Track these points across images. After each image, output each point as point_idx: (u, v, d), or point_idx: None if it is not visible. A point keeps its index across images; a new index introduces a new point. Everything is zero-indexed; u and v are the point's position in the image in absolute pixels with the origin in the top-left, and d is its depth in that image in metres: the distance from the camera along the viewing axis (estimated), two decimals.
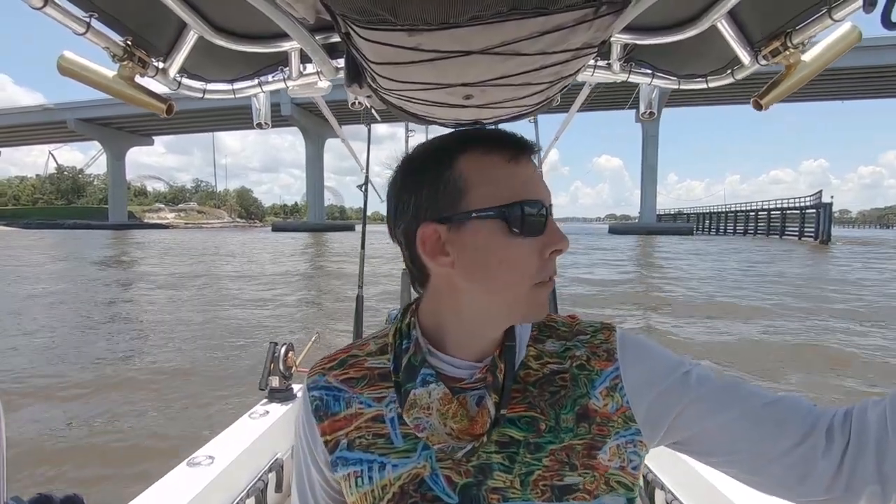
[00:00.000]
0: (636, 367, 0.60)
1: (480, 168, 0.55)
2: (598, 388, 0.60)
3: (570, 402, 0.59)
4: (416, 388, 0.58)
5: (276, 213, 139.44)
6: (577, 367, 0.61)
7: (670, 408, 0.58)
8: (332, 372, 0.64)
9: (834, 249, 28.51)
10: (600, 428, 0.58)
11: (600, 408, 0.59)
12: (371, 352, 0.65)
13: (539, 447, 0.57)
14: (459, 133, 0.60)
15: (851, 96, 51.30)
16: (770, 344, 7.01)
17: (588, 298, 10.62)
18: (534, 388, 0.60)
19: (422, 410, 0.57)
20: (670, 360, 0.61)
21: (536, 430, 0.58)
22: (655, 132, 51.87)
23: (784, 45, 0.89)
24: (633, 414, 0.58)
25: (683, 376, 0.59)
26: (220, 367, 5.84)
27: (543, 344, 0.63)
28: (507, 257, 0.55)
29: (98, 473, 3.49)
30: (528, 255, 0.55)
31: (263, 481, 1.64)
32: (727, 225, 58.22)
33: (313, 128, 56.02)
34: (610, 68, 1.19)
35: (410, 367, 0.59)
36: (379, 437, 0.59)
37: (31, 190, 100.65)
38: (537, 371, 0.61)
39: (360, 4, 0.51)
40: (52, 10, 0.74)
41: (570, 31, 0.58)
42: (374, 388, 0.62)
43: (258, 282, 13.56)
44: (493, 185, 0.55)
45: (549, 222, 0.56)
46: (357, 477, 0.59)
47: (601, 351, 0.62)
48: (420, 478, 0.57)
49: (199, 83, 1.13)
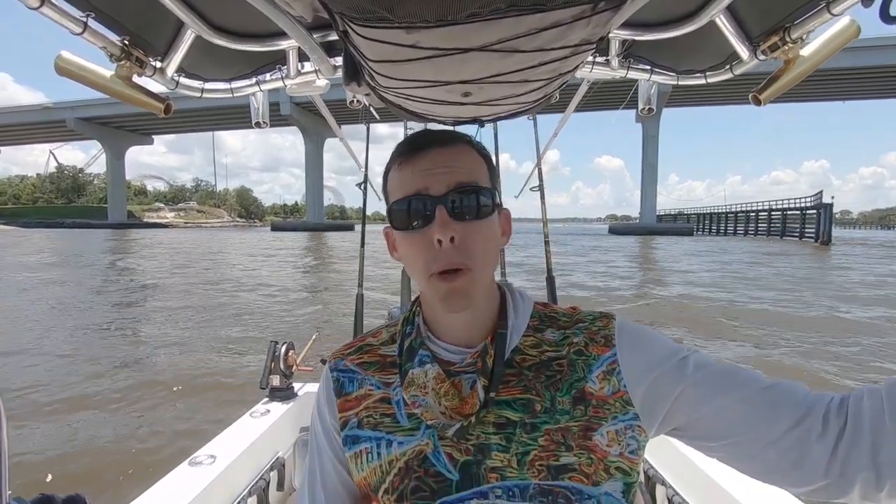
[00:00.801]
0: (634, 352, 0.62)
1: (391, 178, 0.65)
2: (595, 371, 0.61)
3: (567, 386, 0.61)
4: (414, 368, 0.64)
5: (276, 212, 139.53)
6: (574, 353, 0.63)
7: (668, 392, 0.59)
8: (350, 357, 0.71)
9: (834, 250, 28.38)
10: (596, 410, 0.59)
11: (596, 391, 0.60)
12: (384, 340, 0.72)
13: (534, 427, 0.59)
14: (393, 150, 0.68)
15: (852, 96, 50.99)
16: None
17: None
18: (529, 372, 0.62)
19: (419, 389, 0.62)
20: (668, 347, 0.62)
21: (532, 411, 0.60)
22: (656, 132, 51.66)
23: (783, 39, 0.89)
24: (631, 398, 0.60)
25: (681, 362, 0.60)
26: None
27: (543, 333, 0.65)
28: (403, 251, 0.64)
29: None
30: (414, 248, 0.61)
31: (265, 480, 1.64)
32: (727, 225, 57.95)
33: (312, 127, 55.96)
34: (608, 65, 1.18)
35: (411, 350, 0.66)
36: (386, 417, 0.64)
37: (32, 189, 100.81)
38: (534, 357, 0.63)
39: (358, 2, 0.51)
40: (49, 10, 0.74)
41: (568, 28, 0.58)
42: (384, 372, 0.68)
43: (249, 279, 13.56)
44: (393, 190, 0.64)
45: (436, 211, 0.59)
46: (367, 453, 0.64)
47: (599, 337, 0.64)
48: (423, 454, 0.60)
49: (197, 82, 1.13)
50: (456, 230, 0.59)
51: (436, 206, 0.59)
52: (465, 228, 0.60)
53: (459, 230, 0.59)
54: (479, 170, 0.64)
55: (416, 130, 0.69)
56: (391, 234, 0.66)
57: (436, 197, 0.60)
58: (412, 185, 0.61)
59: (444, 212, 0.59)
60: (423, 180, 0.61)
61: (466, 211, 0.60)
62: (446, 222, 0.58)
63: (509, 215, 0.69)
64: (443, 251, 0.59)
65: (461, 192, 0.60)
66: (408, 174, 0.62)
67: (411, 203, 0.61)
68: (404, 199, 0.62)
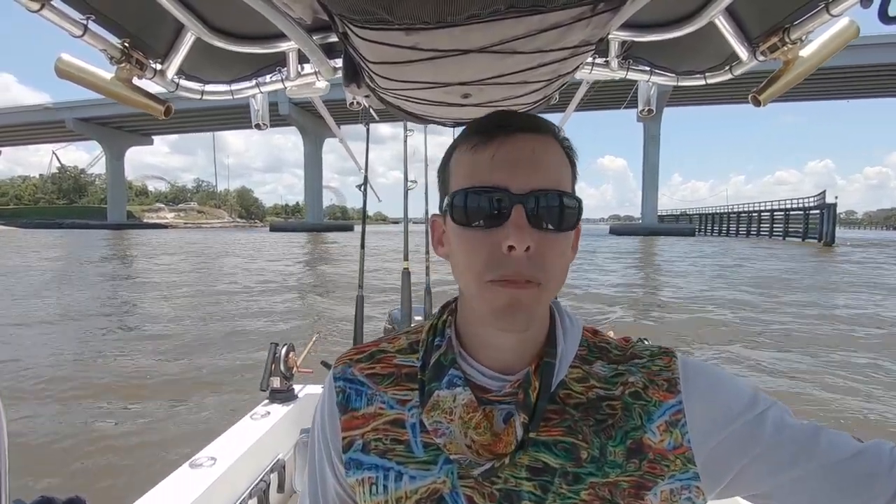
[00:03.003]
0: (703, 402, 0.53)
1: (458, 160, 0.55)
2: (656, 421, 0.52)
3: (621, 435, 0.52)
4: (441, 389, 0.54)
5: (276, 213, 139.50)
6: (630, 395, 0.54)
7: (739, 455, 0.51)
8: (359, 364, 0.61)
9: (838, 251, 28.21)
10: (653, 466, 0.51)
11: (655, 443, 0.52)
12: (402, 348, 0.61)
13: (578, 478, 0.50)
14: (465, 127, 0.58)
15: (856, 95, 50.83)
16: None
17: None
18: (575, 412, 0.53)
19: (443, 414, 0.53)
20: (743, 396, 0.53)
21: (576, 458, 0.51)
22: (657, 132, 51.51)
23: (782, 40, 0.89)
24: (694, 456, 0.51)
25: (757, 419, 0.52)
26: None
27: (591, 365, 0.56)
28: (458, 248, 0.53)
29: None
30: (476, 247, 0.51)
31: (265, 482, 1.64)
32: (729, 226, 57.75)
33: (312, 127, 55.95)
34: (608, 66, 1.18)
35: (439, 366, 0.56)
36: (398, 444, 0.55)
37: (33, 189, 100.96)
38: (581, 394, 0.54)
39: (358, 4, 0.51)
40: (49, 13, 0.74)
41: (568, 29, 0.58)
42: (400, 388, 0.58)
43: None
44: (459, 176, 0.54)
45: (513, 212, 0.49)
46: (371, 484, 0.55)
47: (661, 380, 0.55)
48: (439, 494, 0.52)
49: (197, 84, 1.13)
50: (533, 238, 0.49)
51: (514, 205, 0.49)
52: (542, 238, 0.50)
53: (536, 239, 0.49)
54: (565, 173, 0.54)
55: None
56: (440, 225, 0.57)
57: (515, 195, 0.49)
58: (488, 175, 0.51)
59: (523, 214, 0.49)
60: (504, 172, 0.50)
61: (548, 218, 0.50)
62: (524, 227, 0.49)
63: (579, 230, 0.58)
64: (512, 259, 0.49)
65: (546, 195, 0.50)
66: (484, 161, 0.51)
67: (483, 196, 0.50)
68: (475, 191, 0.51)
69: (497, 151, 0.51)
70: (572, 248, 0.56)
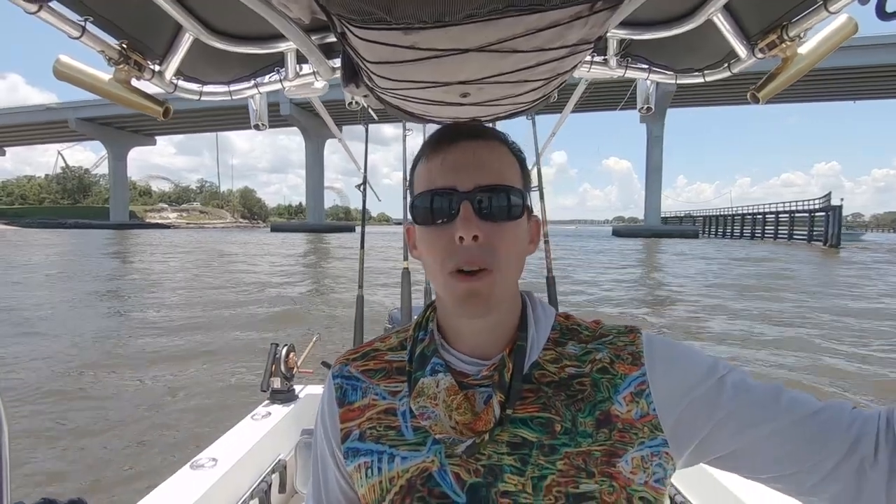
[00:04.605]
0: (666, 372, 0.57)
1: (417, 171, 0.63)
2: (622, 392, 0.56)
3: (590, 407, 0.56)
4: (425, 377, 0.59)
5: (279, 213, 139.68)
6: (598, 371, 0.58)
7: (703, 419, 0.54)
8: (355, 363, 0.67)
9: (843, 254, 27.89)
10: (622, 434, 0.55)
11: (623, 413, 0.55)
12: (392, 346, 0.67)
13: (553, 449, 0.54)
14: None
15: (863, 96, 50.33)
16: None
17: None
18: (548, 389, 0.57)
19: (428, 399, 0.58)
20: (703, 364, 0.57)
21: (551, 431, 0.55)
22: (660, 133, 51.17)
23: (780, 37, 0.89)
24: (661, 423, 0.55)
25: (718, 383, 0.55)
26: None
27: (564, 347, 0.61)
28: (423, 247, 0.60)
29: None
30: (435, 242, 0.58)
31: (267, 482, 1.64)
32: (734, 228, 57.32)
33: (313, 128, 55.98)
34: (606, 64, 1.18)
35: (422, 357, 0.61)
36: (390, 429, 0.60)
37: (38, 189, 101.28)
38: (554, 374, 0.59)
39: (356, 4, 0.51)
40: (47, 15, 0.74)
41: (566, 28, 0.58)
42: (391, 380, 0.64)
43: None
44: (417, 184, 0.61)
45: (461, 208, 0.56)
46: (367, 468, 0.59)
47: (626, 354, 0.59)
48: (428, 472, 0.56)
49: (196, 85, 1.13)
50: (481, 228, 0.55)
51: (461, 202, 0.56)
52: (490, 228, 0.56)
53: (485, 229, 0.55)
54: (510, 170, 0.60)
55: (487, 124, 0.66)
56: (413, 232, 0.63)
57: (462, 193, 0.56)
58: (438, 180, 0.58)
59: (470, 208, 0.55)
60: (451, 175, 0.57)
61: (495, 211, 0.57)
62: (470, 219, 0.55)
63: (539, 223, 0.65)
64: (464, 248, 0.55)
65: (490, 190, 0.57)
66: (435, 167, 0.59)
67: (435, 198, 0.57)
68: (428, 193, 0.58)
69: (445, 158, 0.59)
70: (531, 241, 0.64)
